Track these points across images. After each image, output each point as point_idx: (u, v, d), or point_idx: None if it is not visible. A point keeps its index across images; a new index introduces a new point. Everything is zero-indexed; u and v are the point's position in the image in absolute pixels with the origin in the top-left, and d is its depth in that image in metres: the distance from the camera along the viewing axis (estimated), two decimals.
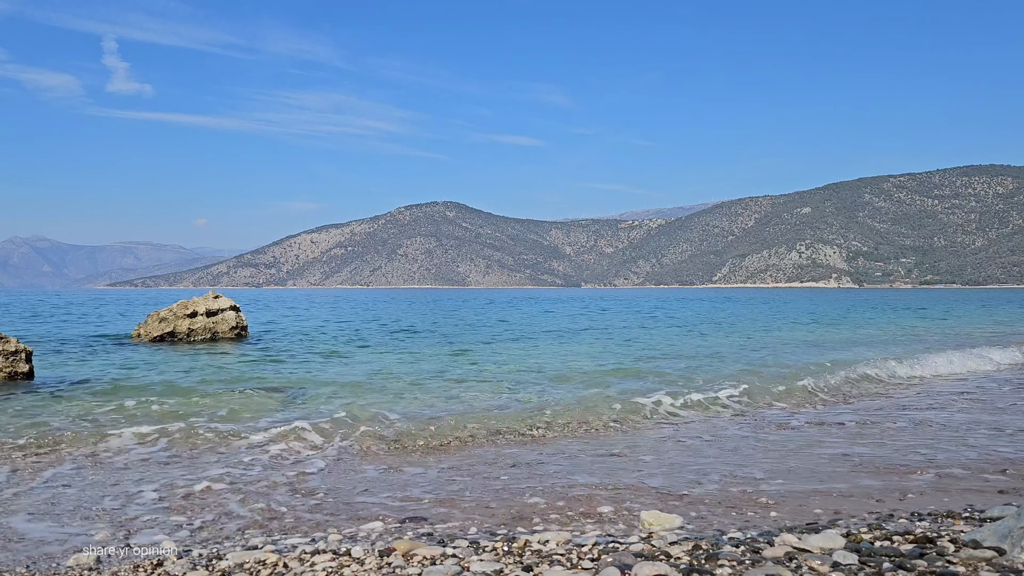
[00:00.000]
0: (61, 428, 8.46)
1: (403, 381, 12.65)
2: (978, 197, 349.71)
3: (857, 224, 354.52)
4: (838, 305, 56.62)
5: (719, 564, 3.84)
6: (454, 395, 11.30)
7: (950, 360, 16.09)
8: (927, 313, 42.29)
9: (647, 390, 11.45)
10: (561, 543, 4.53)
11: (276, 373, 13.91)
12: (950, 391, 12.52)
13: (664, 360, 16.15)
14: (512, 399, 10.95)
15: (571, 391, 11.60)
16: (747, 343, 21.05)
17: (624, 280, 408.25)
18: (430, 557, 4.30)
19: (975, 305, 56.79)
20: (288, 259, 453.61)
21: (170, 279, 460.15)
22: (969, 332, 26.37)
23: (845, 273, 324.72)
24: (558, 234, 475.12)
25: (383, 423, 8.93)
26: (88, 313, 39.11)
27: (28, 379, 12.05)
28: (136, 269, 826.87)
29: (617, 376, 13.37)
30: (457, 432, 8.60)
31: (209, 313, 20.93)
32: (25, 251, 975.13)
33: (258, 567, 4.26)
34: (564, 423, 9.27)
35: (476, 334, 24.78)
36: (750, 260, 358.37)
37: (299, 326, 29.06)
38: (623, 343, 21.14)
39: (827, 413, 10.38)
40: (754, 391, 11.68)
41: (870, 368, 14.46)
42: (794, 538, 4.27)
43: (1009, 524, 4.03)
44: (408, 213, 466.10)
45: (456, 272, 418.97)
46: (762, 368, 14.43)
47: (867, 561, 3.79)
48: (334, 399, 10.78)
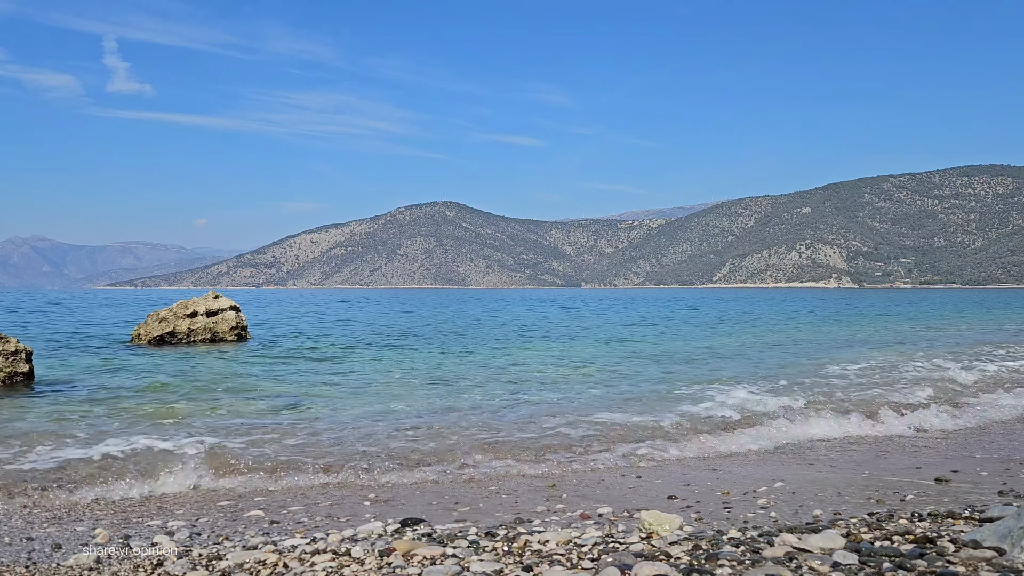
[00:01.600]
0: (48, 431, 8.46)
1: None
2: (978, 197, 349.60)
3: (857, 224, 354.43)
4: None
5: (719, 564, 3.84)
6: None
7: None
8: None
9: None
10: (561, 543, 4.52)
11: (276, 380, 13.90)
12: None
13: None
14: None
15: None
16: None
17: (624, 280, 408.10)
18: (430, 557, 4.29)
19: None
20: (288, 259, 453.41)
21: (170, 279, 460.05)
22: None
23: (845, 273, 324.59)
24: (558, 234, 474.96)
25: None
26: (88, 313, 39.07)
27: (28, 379, 12.03)
28: (136, 269, 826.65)
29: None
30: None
31: (209, 313, 20.91)
32: (25, 251, 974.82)
33: (258, 567, 4.25)
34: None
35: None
36: (750, 260, 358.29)
37: (299, 326, 29.03)
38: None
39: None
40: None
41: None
42: (794, 538, 4.27)
43: (1009, 524, 4.03)
44: (408, 213, 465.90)
45: (456, 272, 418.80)
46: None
47: (867, 561, 3.79)
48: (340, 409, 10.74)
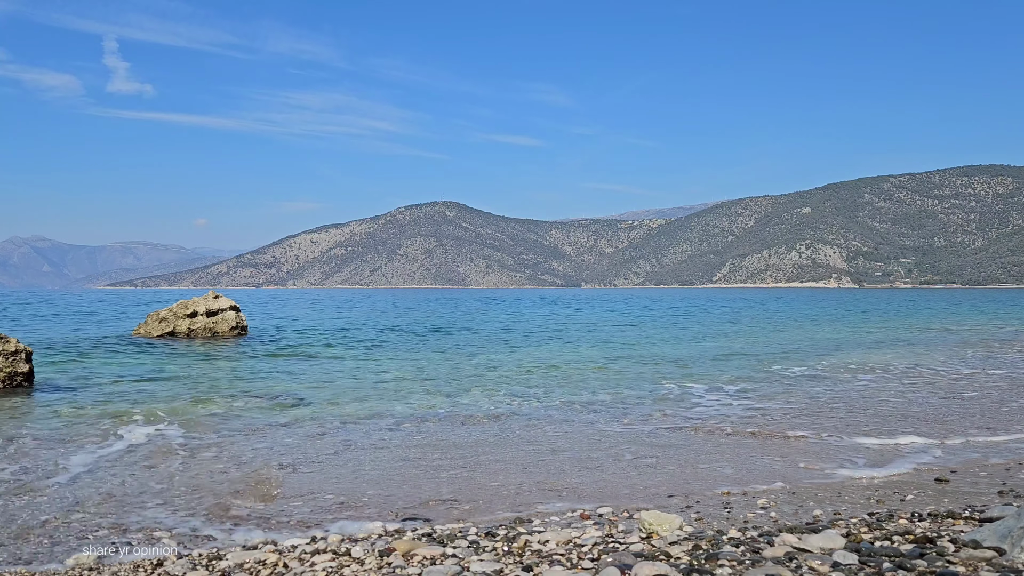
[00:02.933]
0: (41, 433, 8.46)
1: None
2: (978, 197, 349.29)
3: (857, 224, 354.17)
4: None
5: (719, 564, 3.84)
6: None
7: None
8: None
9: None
10: (561, 543, 4.52)
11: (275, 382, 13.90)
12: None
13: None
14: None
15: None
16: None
17: (624, 280, 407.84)
18: (430, 557, 4.29)
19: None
20: (288, 259, 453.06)
21: (170, 279, 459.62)
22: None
23: (845, 273, 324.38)
24: (558, 234, 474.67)
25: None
26: (89, 313, 39.05)
27: (28, 379, 12.02)
28: (136, 269, 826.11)
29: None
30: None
31: (209, 313, 20.92)
32: (25, 251, 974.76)
33: (258, 567, 4.25)
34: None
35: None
36: (750, 260, 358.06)
37: (298, 327, 29.03)
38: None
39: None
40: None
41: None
42: (794, 538, 4.26)
43: (1009, 524, 4.03)
44: (408, 213, 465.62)
45: (456, 272, 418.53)
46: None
47: (867, 561, 3.79)
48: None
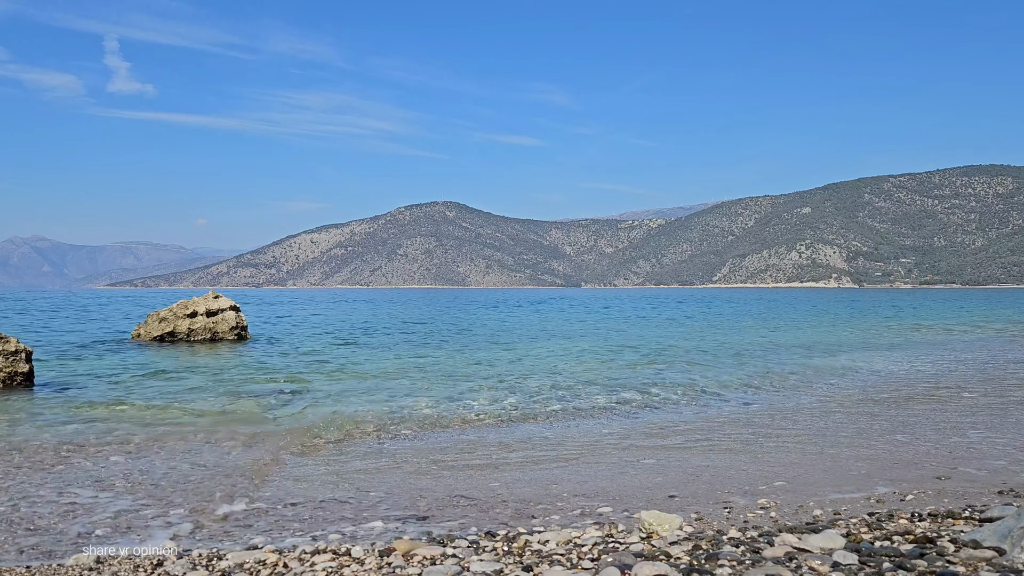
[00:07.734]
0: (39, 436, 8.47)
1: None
2: (978, 197, 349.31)
3: (857, 224, 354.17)
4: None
5: (719, 564, 3.84)
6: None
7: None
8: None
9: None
10: (561, 543, 4.51)
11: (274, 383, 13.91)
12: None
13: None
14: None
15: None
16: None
17: (624, 280, 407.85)
18: (430, 557, 4.29)
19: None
20: (288, 259, 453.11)
21: (170, 279, 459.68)
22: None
23: (845, 273, 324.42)
24: (558, 234, 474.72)
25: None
26: (89, 313, 39.06)
27: (28, 379, 12.01)
28: (136, 269, 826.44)
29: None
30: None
31: (209, 313, 20.91)
32: (25, 251, 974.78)
33: (258, 567, 4.25)
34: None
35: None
36: (750, 260, 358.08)
37: (299, 327, 29.03)
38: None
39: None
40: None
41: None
42: (794, 538, 4.26)
43: (1009, 524, 4.03)
44: (408, 213, 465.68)
45: (456, 272, 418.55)
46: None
47: (867, 561, 3.79)
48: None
